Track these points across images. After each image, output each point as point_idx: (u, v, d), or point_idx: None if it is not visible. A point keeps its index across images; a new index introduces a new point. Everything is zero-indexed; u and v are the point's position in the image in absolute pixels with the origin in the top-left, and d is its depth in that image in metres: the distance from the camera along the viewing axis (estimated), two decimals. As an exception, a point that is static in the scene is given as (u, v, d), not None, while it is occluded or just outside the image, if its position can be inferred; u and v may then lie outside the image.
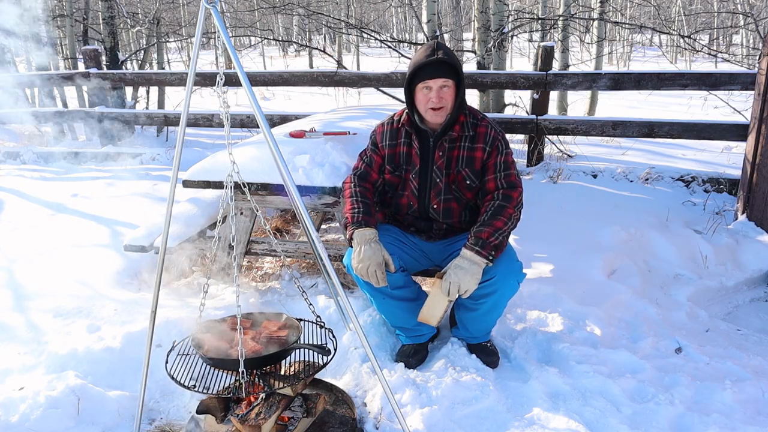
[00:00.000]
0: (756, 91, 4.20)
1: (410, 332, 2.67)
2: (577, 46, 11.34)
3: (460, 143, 2.47)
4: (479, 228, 2.34)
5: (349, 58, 19.34)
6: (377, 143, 2.61)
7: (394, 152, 2.56)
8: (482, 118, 2.50)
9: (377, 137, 2.62)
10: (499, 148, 2.45)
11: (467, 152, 2.46)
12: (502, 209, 2.38)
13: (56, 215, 4.54)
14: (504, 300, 2.52)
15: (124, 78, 6.93)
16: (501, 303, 2.52)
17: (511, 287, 2.48)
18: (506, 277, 2.43)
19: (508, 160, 2.47)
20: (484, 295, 2.47)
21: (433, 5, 7.01)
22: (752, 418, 2.27)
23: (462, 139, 2.47)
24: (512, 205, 2.40)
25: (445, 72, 2.34)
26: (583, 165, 5.60)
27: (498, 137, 2.46)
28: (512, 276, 2.45)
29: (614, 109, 9.65)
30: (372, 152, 2.62)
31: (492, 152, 2.45)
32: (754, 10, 13.19)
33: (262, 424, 2.01)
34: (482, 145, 2.45)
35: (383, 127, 2.62)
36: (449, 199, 2.53)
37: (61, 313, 2.92)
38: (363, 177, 2.61)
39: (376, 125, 2.67)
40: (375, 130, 2.66)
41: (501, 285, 2.44)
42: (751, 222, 4.20)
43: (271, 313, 2.33)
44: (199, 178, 3.18)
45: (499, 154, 2.45)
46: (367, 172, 2.61)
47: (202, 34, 1.91)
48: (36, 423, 2.17)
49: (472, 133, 2.46)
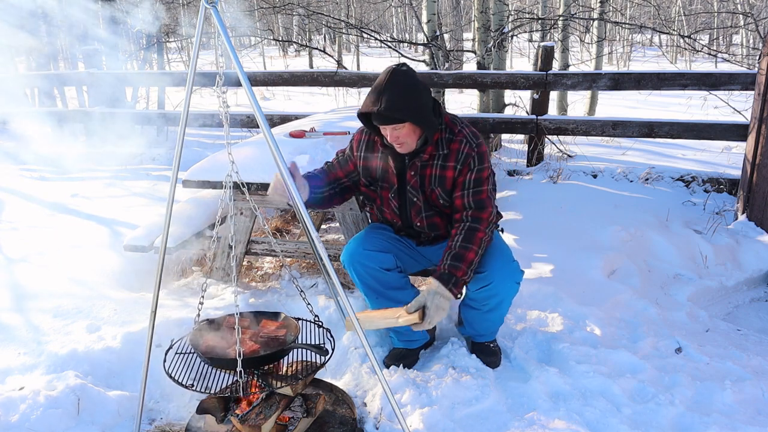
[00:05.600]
0: (756, 91, 4.20)
1: (403, 336, 2.67)
2: (577, 46, 11.35)
3: (433, 161, 2.36)
4: (453, 263, 2.24)
5: (349, 58, 19.33)
6: (353, 150, 2.53)
7: (369, 165, 2.48)
8: (459, 131, 2.35)
9: (354, 144, 2.53)
10: (471, 165, 2.32)
11: (439, 171, 2.36)
12: (473, 234, 2.29)
13: (56, 215, 4.54)
14: (506, 300, 2.52)
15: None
16: (504, 303, 2.52)
17: (510, 288, 2.48)
18: (504, 280, 2.43)
19: (482, 176, 2.34)
20: (484, 298, 2.47)
21: (433, 5, 7.00)
22: (752, 418, 2.27)
23: (435, 157, 2.35)
24: (483, 227, 2.31)
25: (391, 120, 2.21)
26: (583, 165, 5.60)
27: (471, 153, 2.32)
28: (509, 278, 2.45)
29: (614, 109, 9.65)
30: (348, 156, 2.55)
31: (462, 169, 2.33)
32: (754, 10, 13.19)
33: (262, 424, 2.02)
34: (453, 164, 2.33)
35: (362, 135, 2.51)
36: (431, 215, 2.47)
37: (61, 313, 2.91)
38: (328, 169, 2.56)
39: (359, 128, 2.57)
40: (354, 135, 2.57)
41: (500, 289, 2.44)
42: (751, 222, 4.20)
43: (269, 313, 2.33)
44: (199, 178, 3.18)
45: (470, 171, 2.33)
46: (335, 168, 2.56)
47: (201, 34, 1.91)
48: (36, 423, 2.17)
49: (446, 151, 2.34)
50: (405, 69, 2.22)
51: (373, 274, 2.49)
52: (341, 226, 3.21)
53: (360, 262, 2.48)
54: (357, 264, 2.49)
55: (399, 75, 2.20)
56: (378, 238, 2.55)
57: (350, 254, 2.51)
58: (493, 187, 2.42)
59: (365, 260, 2.48)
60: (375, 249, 2.50)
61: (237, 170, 1.99)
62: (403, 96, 2.17)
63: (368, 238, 2.55)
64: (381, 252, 2.50)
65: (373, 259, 2.48)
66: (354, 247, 2.51)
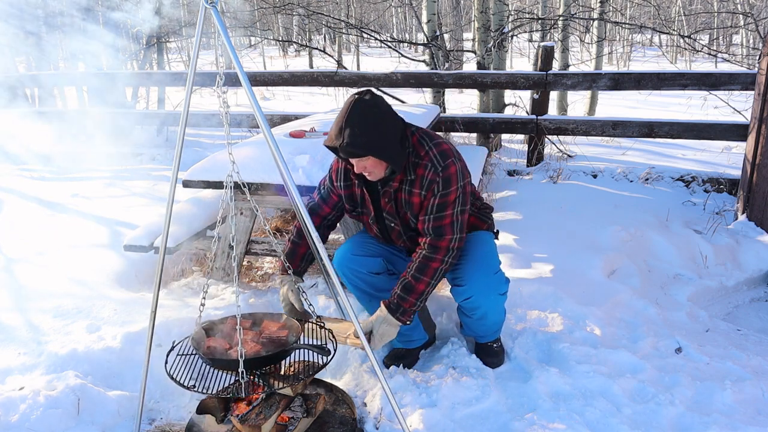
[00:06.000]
0: (756, 91, 4.20)
1: (401, 336, 2.67)
2: (577, 46, 11.35)
3: (403, 186, 2.30)
4: (402, 294, 2.24)
5: (349, 58, 19.33)
6: (333, 181, 2.49)
7: (350, 192, 2.45)
8: (425, 154, 2.24)
9: (333, 174, 2.49)
10: (435, 191, 2.23)
11: (407, 196, 2.30)
12: (427, 265, 2.24)
13: (56, 215, 4.54)
14: (492, 310, 2.50)
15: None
16: (490, 313, 2.50)
17: (494, 301, 2.46)
18: (485, 293, 2.42)
19: (447, 200, 2.23)
20: (469, 309, 2.49)
21: (433, 5, 7.01)
22: (752, 418, 2.27)
23: (404, 182, 2.29)
24: (439, 256, 2.24)
25: (354, 155, 2.15)
26: (583, 165, 5.60)
27: (435, 179, 2.21)
28: (491, 290, 2.43)
29: (614, 109, 9.65)
30: (329, 189, 2.52)
31: (427, 195, 2.25)
32: (754, 10, 13.19)
33: (262, 424, 2.02)
34: (418, 190, 2.27)
35: (338, 164, 2.46)
36: (412, 235, 2.43)
37: (61, 313, 2.91)
38: (313, 210, 2.54)
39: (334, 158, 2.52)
40: (332, 165, 2.54)
41: (481, 302, 2.44)
42: (751, 222, 4.20)
43: (271, 314, 2.33)
44: (199, 178, 3.18)
45: (434, 196, 2.23)
46: (320, 206, 2.54)
47: (201, 34, 1.91)
48: (36, 423, 2.17)
49: (413, 177, 2.26)
50: (368, 98, 2.13)
51: (363, 278, 2.53)
52: (341, 226, 3.21)
53: (348, 267, 2.52)
54: (346, 269, 2.54)
55: (361, 106, 2.11)
56: (367, 242, 2.58)
57: (339, 259, 2.56)
58: (463, 208, 2.29)
59: (353, 265, 2.52)
60: (363, 254, 2.53)
61: (238, 170, 1.99)
62: (366, 129, 2.10)
63: (357, 242, 2.59)
64: (369, 256, 2.53)
65: (361, 264, 2.52)
66: (343, 253, 2.55)
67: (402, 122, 2.27)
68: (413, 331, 2.67)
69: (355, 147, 2.10)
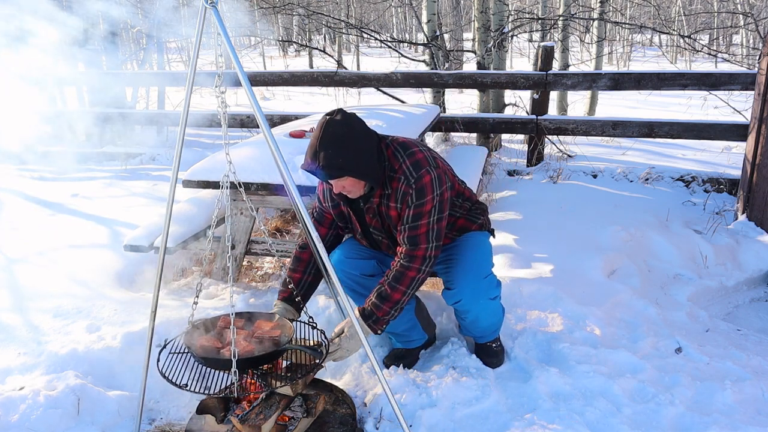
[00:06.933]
0: (756, 91, 4.20)
1: (400, 337, 2.68)
2: (577, 46, 11.35)
3: (382, 201, 2.31)
4: (377, 302, 2.22)
5: (349, 58, 19.33)
6: (322, 202, 2.50)
7: (339, 211, 2.46)
8: (399, 167, 2.23)
9: (320, 195, 2.50)
10: (409, 202, 2.22)
11: (386, 210, 2.32)
12: (403, 275, 2.23)
13: (56, 215, 4.54)
14: (483, 314, 2.49)
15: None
16: (482, 316, 2.50)
17: (484, 305, 2.45)
18: (473, 298, 2.41)
19: (423, 210, 2.22)
20: (460, 312, 2.49)
21: (433, 5, 7.01)
22: (752, 418, 2.27)
23: (383, 196, 2.30)
24: (416, 265, 2.23)
25: (331, 177, 2.15)
26: (583, 165, 5.60)
27: (408, 191, 2.21)
28: (481, 295, 2.42)
29: (614, 109, 9.65)
30: (321, 210, 2.53)
31: (402, 207, 2.26)
32: (754, 10, 13.20)
33: (262, 424, 2.01)
34: (394, 204, 2.27)
35: (322, 185, 2.48)
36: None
37: (61, 313, 2.91)
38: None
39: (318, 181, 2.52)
40: (318, 186, 2.54)
41: (471, 306, 2.44)
42: (751, 222, 4.20)
43: (264, 313, 2.33)
44: (199, 178, 3.18)
45: (408, 207, 2.23)
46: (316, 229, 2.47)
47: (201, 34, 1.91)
48: (36, 423, 2.17)
49: (389, 191, 2.27)
50: (339, 119, 2.12)
51: (355, 280, 2.53)
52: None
53: (341, 269, 2.51)
54: (339, 271, 2.52)
55: (333, 127, 2.11)
56: (360, 245, 2.57)
57: (332, 262, 2.54)
58: (440, 216, 2.26)
59: (346, 267, 2.51)
60: (356, 257, 2.53)
61: (234, 170, 1.98)
62: (340, 150, 2.09)
63: (351, 245, 2.59)
64: (362, 259, 2.53)
65: (354, 267, 2.52)
66: (336, 255, 2.55)
67: (376, 137, 2.27)
68: (412, 331, 2.67)
69: (332, 169, 2.10)
